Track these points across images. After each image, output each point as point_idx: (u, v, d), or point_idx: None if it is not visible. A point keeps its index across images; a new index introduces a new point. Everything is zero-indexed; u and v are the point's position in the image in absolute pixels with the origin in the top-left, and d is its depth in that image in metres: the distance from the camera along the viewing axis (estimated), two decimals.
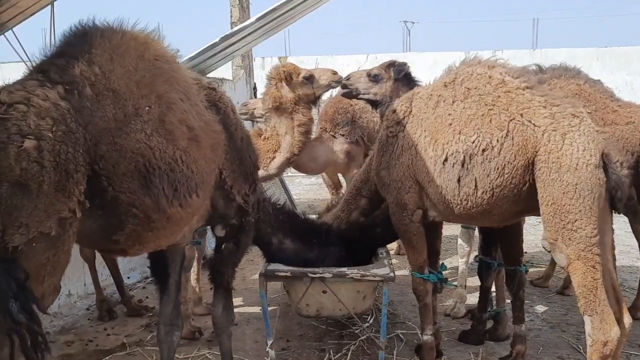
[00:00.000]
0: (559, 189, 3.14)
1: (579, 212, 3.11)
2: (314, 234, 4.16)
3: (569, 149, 3.16)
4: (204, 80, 3.32)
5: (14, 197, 2.18)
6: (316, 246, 4.12)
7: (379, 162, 3.91)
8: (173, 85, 2.86)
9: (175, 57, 3.05)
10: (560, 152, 3.17)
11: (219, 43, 6.72)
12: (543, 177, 3.21)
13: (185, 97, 2.92)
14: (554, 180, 3.16)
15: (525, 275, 4.16)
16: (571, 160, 3.14)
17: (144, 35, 2.87)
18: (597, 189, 3.11)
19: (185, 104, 2.89)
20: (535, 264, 6.25)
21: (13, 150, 2.19)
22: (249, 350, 4.32)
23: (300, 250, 4.07)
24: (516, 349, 3.95)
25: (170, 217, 2.75)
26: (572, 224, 3.12)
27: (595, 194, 3.11)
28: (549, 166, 3.19)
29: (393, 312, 4.96)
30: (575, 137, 3.17)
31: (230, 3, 9.07)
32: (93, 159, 2.43)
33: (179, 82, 2.92)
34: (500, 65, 3.62)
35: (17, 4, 3.86)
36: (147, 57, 2.79)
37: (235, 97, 8.01)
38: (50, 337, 4.58)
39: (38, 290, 2.33)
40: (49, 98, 2.35)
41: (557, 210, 3.15)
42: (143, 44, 2.82)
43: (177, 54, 3.08)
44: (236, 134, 3.37)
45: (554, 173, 3.16)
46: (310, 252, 4.10)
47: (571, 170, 3.12)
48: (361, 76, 5.01)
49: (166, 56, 2.94)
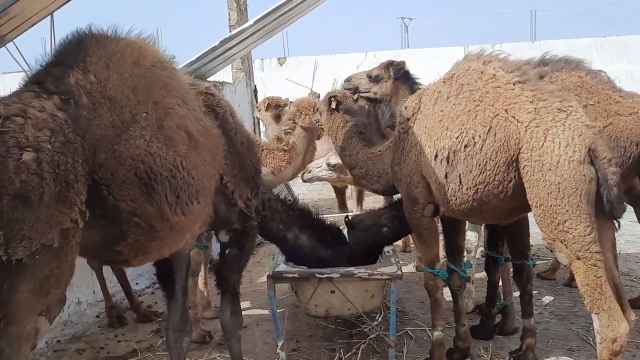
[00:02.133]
0: (543, 189, 3.06)
1: (567, 212, 3.01)
2: (328, 230, 4.14)
3: (550, 145, 3.05)
4: (201, 86, 3.32)
5: (15, 210, 2.17)
6: (332, 242, 4.11)
7: (393, 157, 3.95)
8: (170, 91, 2.85)
9: (171, 63, 3.03)
10: (542, 149, 3.07)
11: (218, 47, 6.73)
12: (528, 177, 3.13)
13: (183, 102, 2.91)
14: (538, 180, 3.07)
15: (533, 269, 4.17)
16: (552, 158, 3.03)
17: (139, 41, 2.86)
18: (582, 186, 2.99)
19: (183, 109, 2.88)
20: (541, 256, 6.27)
21: (12, 164, 2.18)
22: (260, 353, 4.34)
23: (317, 245, 4.02)
24: (526, 343, 3.95)
25: (173, 226, 2.74)
26: (562, 225, 3.04)
27: (581, 191, 2.99)
28: (532, 165, 3.10)
29: (401, 309, 4.97)
30: (559, 132, 3.06)
31: (228, 6, 9.06)
32: (92, 168, 2.42)
33: (176, 88, 2.91)
34: (497, 60, 3.58)
35: (16, 15, 3.87)
36: (142, 63, 2.78)
37: (235, 100, 8.01)
38: (61, 346, 4.62)
39: (43, 303, 2.33)
40: (46, 109, 2.34)
41: (546, 211, 3.08)
42: (138, 50, 2.81)
43: (173, 60, 3.07)
44: (236, 138, 3.37)
45: (537, 172, 3.07)
46: (327, 248, 4.06)
47: (553, 168, 3.02)
48: (362, 77, 5.14)
49: (162, 62, 2.93)
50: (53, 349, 4.55)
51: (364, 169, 4.24)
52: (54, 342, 4.66)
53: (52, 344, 4.63)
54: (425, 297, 4.70)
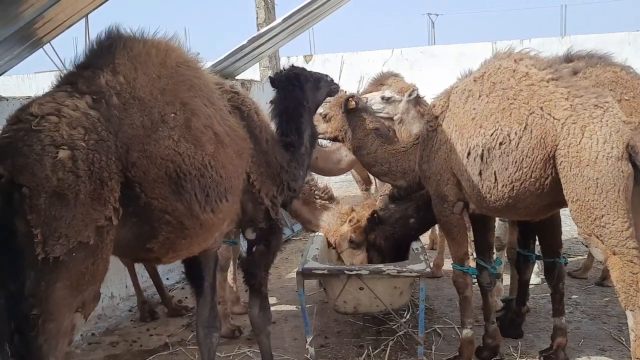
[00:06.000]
0: (581, 185, 3.08)
1: (604, 207, 3.03)
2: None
3: (588, 142, 3.08)
4: (226, 84, 3.34)
5: (52, 208, 2.19)
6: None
7: (421, 155, 3.96)
8: (196, 91, 2.89)
9: (196, 62, 3.07)
10: (580, 145, 3.10)
11: (246, 45, 6.80)
12: (565, 173, 3.15)
13: (209, 102, 2.95)
14: (576, 176, 3.10)
15: (565, 267, 4.12)
16: (590, 154, 3.06)
17: (164, 42, 2.89)
18: (620, 182, 3.02)
19: (210, 109, 2.92)
20: (572, 254, 6.18)
21: (48, 162, 2.21)
22: (288, 348, 4.37)
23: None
24: (557, 342, 3.91)
25: (203, 224, 2.79)
26: (599, 220, 3.06)
27: (619, 187, 3.02)
28: (570, 161, 3.12)
29: (429, 307, 4.96)
30: (596, 129, 3.09)
31: (256, 5, 9.13)
32: (125, 166, 2.46)
33: (202, 88, 2.95)
34: (528, 57, 3.58)
35: (53, 19, 3.97)
36: (169, 63, 2.82)
37: (263, 98, 8.04)
38: (95, 339, 4.74)
39: (79, 300, 2.37)
40: (79, 108, 2.38)
41: (583, 206, 3.10)
42: (164, 50, 2.85)
43: (198, 59, 3.10)
44: (261, 136, 3.40)
45: (575, 168, 3.10)
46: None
47: (591, 164, 3.05)
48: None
49: (188, 62, 2.97)
50: (88, 341, 4.67)
51: (386, 166, 4.24)
52: (88, 334, 4.78)
53: (87, 336, 4.75)
54: (453, 295, 4.70)
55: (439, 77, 10.95)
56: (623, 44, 15.47)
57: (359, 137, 4.32)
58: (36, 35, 4.12)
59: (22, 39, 4.03)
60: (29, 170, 2.18)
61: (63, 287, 2.27)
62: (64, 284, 2.27)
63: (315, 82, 4.05)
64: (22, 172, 2.18)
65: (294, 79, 3.89)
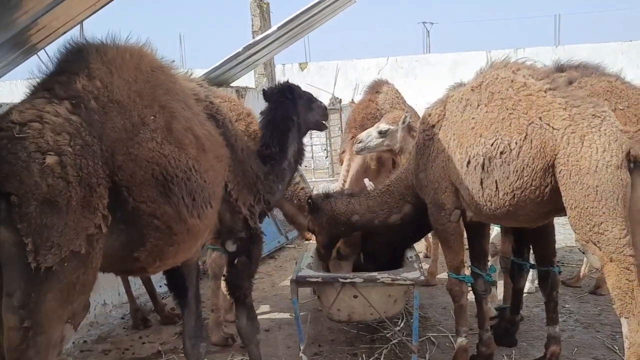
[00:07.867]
0: (580, 192, 3.12)
1: (603, 214, 3.07)
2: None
3: (587, 151, 3.13)
4: (202, 93, 3.31)
5: (43, 216, 2.14)
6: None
7: (417, 164, 3.97)
8: (173, 95, 2.87)
9: (171, 68, 3.06)
10: (579, 154, 3.14)
11: (242, 52, 6.82)
12: (564, 180, 3.19)
13: (187, 106, 2.94)
14: (575, 184, 3.14)
15: (558, 276, 4.13)
16: (590, 163, 3.10)
17: (138, 47, 2.87)
18: (619, 190, 3.06)
19: (188, 112, 2.91)
20: (566, 263, 6.19)
21: (36, 168, 2.16)
22: (282, 356, 4.35)
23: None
24: (550, 350, 3.91)
25: (190, 229, 2.77)
26: (597, 227, 3.09)
27: (618, 195, 3.06)
28: (569, 169, 3.17)
29: (424, 315, 4.95)
30: (595, 138, 3.13)
31: (252, 12, 9.16)
32: (112, 170, 2.43)
33: (178, 92, 2.94)
34: (525, 68, 3.61)
35: (47, 25, 3.97)
36: (143, 68, 2.80)
37: (258, 106, 8.06)
38: (87, 346, 4.70)
39: (69, 310, 2.31)
40: (60, 114, 2.33)
41: (582, 213, 3.14)
42: (138, 56, 2.83)
43: (172, 65, 3.10)
44: (237, 145, 3.40)
45: (574, 176, 3.14)
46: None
47: (591, 172, 3.09)
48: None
49: (162, 67, 2.96)
50: (80, 349, 4.63)
51: (368, 214, 4.38)
52: (80, 342, 4.74)
53: (79, 344, 4.71)
54: (447, 303, 4.70)
55: (433, 84, 11.00)
56: (616, 53, 15.63)
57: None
58: (30, 42, 4.12)
59: (17, 46, 4.03)
60: (16, 177, 2.13)
61: (54, 299, 2.22)
62: (55, 295, 2.22)
63: (308, 101, 4.09)
64: (9, 180, 2.13)
65: (287, 91, 3.93)
